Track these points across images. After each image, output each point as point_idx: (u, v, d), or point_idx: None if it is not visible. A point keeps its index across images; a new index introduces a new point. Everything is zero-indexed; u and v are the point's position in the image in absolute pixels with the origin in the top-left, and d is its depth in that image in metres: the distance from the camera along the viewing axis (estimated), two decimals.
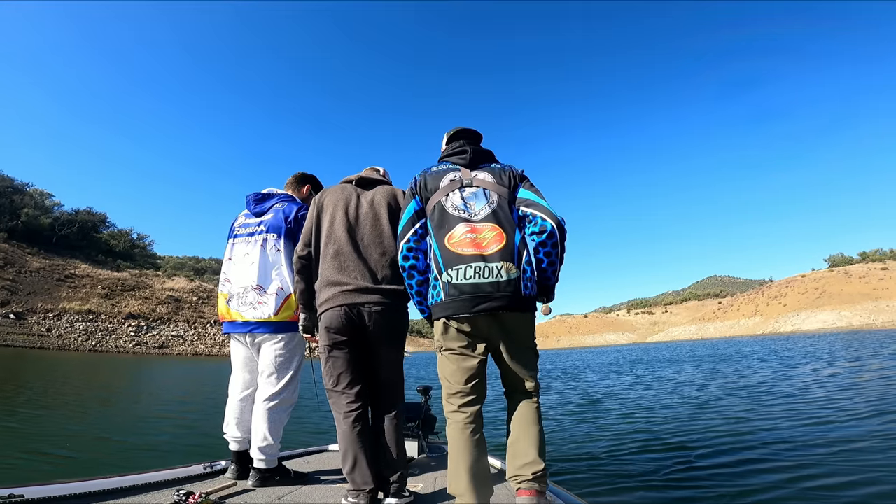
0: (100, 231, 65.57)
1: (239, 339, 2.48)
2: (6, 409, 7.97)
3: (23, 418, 7.15)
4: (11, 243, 50.17)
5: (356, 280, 2.10)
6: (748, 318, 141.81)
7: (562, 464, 4.59)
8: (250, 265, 2.44)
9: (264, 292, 2.40)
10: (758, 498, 3.32)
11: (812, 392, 8.17)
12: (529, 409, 1.87)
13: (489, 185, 1.96)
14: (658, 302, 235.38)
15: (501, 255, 1.80)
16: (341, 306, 2.07)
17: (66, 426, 6.75)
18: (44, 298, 43.09)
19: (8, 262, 46.54)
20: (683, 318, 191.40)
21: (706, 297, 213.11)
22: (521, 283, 1.81)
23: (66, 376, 15.77)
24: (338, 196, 2.30)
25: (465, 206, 1.92)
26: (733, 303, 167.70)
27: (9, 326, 36.51)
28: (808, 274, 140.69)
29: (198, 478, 2.41)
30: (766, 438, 5.02)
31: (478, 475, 1.79)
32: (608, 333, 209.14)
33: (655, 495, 3.56)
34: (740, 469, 4.01)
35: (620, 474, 4.10)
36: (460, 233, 1.87)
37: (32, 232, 53.73)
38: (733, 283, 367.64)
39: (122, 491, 2.04)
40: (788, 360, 16.41)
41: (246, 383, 2.49)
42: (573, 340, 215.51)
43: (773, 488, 3.45)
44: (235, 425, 2.45)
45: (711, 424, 6.05)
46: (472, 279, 1.79)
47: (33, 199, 58.08)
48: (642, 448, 5.06)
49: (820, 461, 4.01)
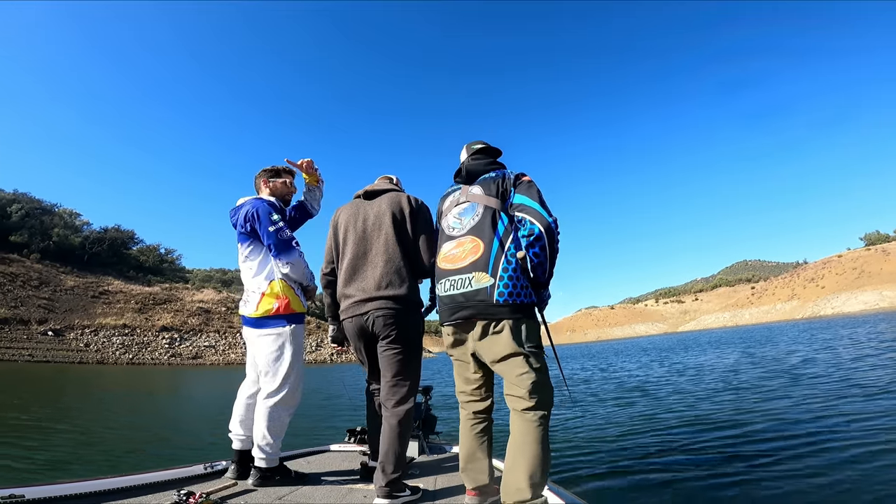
0: (129, 248, 67.13)
1: (246, 339, 2.54)
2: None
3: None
4: (45, 263, 51.59)
5: (362, 291, 2.24)
6: (785, 303, 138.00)
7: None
8: (243, 269, 2.55)
9: (251, 292, 2.48)
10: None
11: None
12: (523, 426, 1.78)
13: (478, 198, 2.03)
14: (687, 290, 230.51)
15: (474, 266, 1.90)
16: (352, 318, 2.28)
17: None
18: (80, 315, 43.95)
19: (43, 281, 47.75)
20: (715, 306, 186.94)
21: (738, 282, 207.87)
22: (494, 291, 1.84)
23: (140, 387, 16.78)
24: (349, 212, 2.44)
25: (456, 223, 2.07)
26: (767, 287, 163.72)
27: (48, 343, 37.23)
28: (844, 254, 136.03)
29: (198, 478, 2.42)
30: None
31: (473, 466, 1.97)
32: (637, 324, 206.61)
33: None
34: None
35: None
36: (446, 250, 2.06)
37: (64, 251, 55.15)
38: (765, 267, 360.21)
39: (123, 491, 2.05)
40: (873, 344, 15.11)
41: (252, 383, 2.52)
42: (601, 333, 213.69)
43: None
44: (239, 423, 2.47)
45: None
46: (449, 291, 1.97)
47: (62, 219, 59.65)
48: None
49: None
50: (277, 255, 2.39)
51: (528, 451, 1.72)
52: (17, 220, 53.73)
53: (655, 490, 3.57)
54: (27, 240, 52.21)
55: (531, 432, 1.75)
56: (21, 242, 51.57)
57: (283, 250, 2.38)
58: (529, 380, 1.80)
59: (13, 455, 5.16)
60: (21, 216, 54.38)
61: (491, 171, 2.13)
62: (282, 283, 2.43)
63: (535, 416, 1.77)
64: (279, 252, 2.38)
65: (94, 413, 9.49)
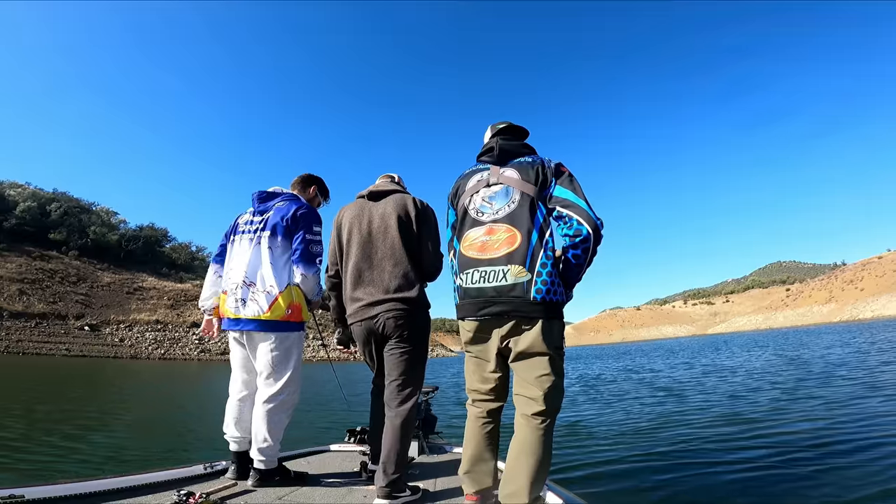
0: (162, 245, 69.24)
1: (236, 338, 2.44)
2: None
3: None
4: (83, 260, 53.50)
5: (370, 294, 2.22)
6: (822, 305, 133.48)
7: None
8: (244, 261, 2.41)
9: (255, 289, 2.36)
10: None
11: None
12: (528, 431, 1.72)
13: (514, 182, 1.87)
14: (717, 291, 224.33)
15: (509, 258, 1.76)
16: (361, 322, 2.25)
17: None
18: (115, 311, 45.39)
19: (81, 277, 49.49)
20: (747, 308, 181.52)
21: (771, 284, 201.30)
22: (531, 287, 1.72)
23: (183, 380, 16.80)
24: (353, 213, 2.40)
25: (486, 207, 1.90)
26: (803, 289, 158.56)
27: (84, 337, 38.53)
28: (885, 255, 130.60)
29: (198, 478, 2.39)
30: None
31: (477, 463, 1.88)
32: (664, 326, 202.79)
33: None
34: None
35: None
36: (474, 236, 1.88)
37: (101, 248, 57.16)
38: (800, 269, 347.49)
39: (123, 491, 2.03)
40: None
41: (244, 383, 2.47)
42: (626, 334, 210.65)
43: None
44: (234, 425, 2.43)
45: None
46: (478, 283, 1.81)
47: (100, 217, 61.85)
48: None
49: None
50: (299, 261, 2.38)
51: (532, 456, 1.68)
52: (57, 218, 55.81)
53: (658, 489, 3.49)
54: (66, 237, 54.20)
55: (538, 437, 1.70)
56: (60, 240, 53.56)
57: (308, 261, 2.39)
58: (548, 382, 1.74)
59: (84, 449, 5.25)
60: (60, 214, 56.48)
61: (526, 154, 1.97)
62: (297, 289, 2.41)
63: (543, 421, 1.72)
64: (303, 261, 2.38)
65: (156, 406, 9.86)
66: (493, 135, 2.08)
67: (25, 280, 43.62)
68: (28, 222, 52.28)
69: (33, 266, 46.68)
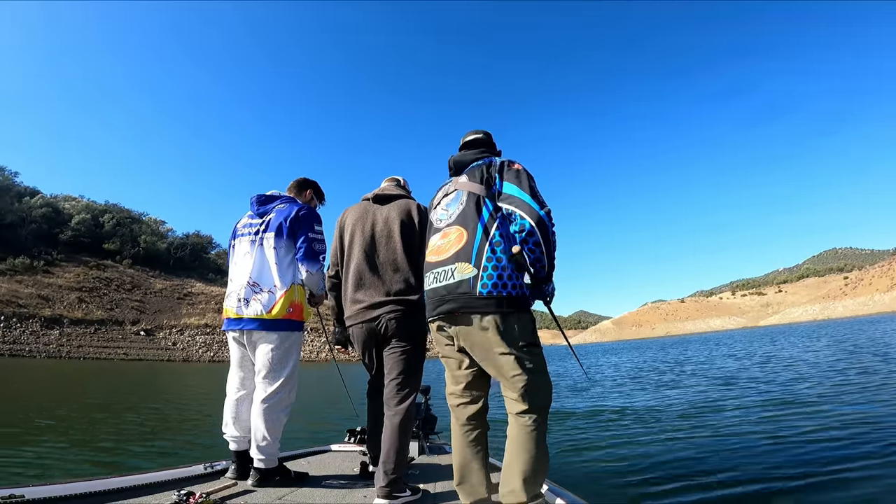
0: (208, 252, 72.31)
1: (235, 338, 2.46)
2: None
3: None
4: (136, 268, 56.05)
5: (371, 296, 2.25)
6: (885, 293, 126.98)
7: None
8: (248, 263, 2.44)
9: (259, 290, 2.39)
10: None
11: None
12: (517, 430, 1.72)
13: (463, 185, 1.93)
14: (768, 281, 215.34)
15: (457, 256, 1.80)
16: (362, 324, 2.27)
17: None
18: (167, 316, 47.23)
19: (135, 285, 51.80)
20: (802, 298, 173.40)
21: (827, 272, 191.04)
22: (477, 283, 1.73)
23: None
24: (357, 215, 2.44)
25: (443, 214, 1.97)
26: (863, 277, 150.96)
27: (140, 342, 40.16)
28: None
29: (198, 478, 2.37)
30: None
31: (467, 474, 1.86)
32: (711, 319, 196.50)
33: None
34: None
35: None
36: (432, 243, 1.97)
37: (152, 257, 59.89)
38: (858, 255, 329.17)
39: (123, 491, 2.02)
40: None
41: (241, 382, 2.48)
42: (670, 328, 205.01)
43: None
44: (233, 425, 2.42)
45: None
46: (432, 284, 1.87)
47: (149, 226, 64.92)
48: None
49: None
50: (303, 259, 2.42)
51: (523, 454, 1.67)
52: (110, 228, 58.72)
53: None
54: (119, 247, 57.00)
55: (525, 435, 1.69)
56: (114, 249, 56.30)
57: (312, 258, 2.43)
58: (521, 382, 1.70)
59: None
60: (113, 225, 59.37)
61: (480, 159, 2.01)
62: (300, 288, 2.46)
63: (530, 419, 1.69)
64: (307, 258, 2.42)
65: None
66: (459, 148, 2.19)
67: (84, 288, 45.92)
68: (83, 233, 55.22)
69: (90, 275, 49.12)
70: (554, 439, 5.13)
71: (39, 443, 5.30)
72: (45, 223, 52.74)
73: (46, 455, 4.74)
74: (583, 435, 5.45)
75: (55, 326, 37.67)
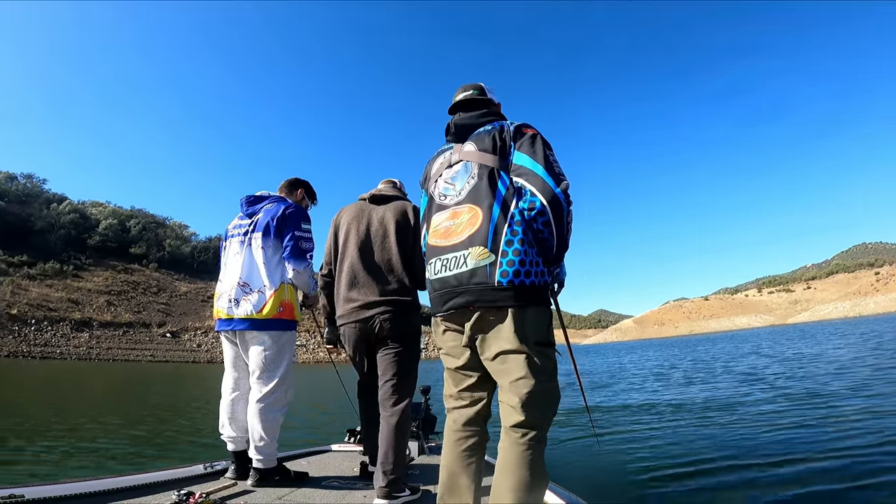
0: None
1: (228, 338, 2.47)
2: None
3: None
4: (161, 271, 57.16)
5: (365, 296, 2.24)
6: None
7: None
8: (237, 264, 2.45)
9: (249, 290, 2.39)
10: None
11: None
12: (507, 446, 1.45)
13: (472, 155, 1.67)
14: (797, 278, 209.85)
15: (471, 240, 1.53)
16: (354, 323, 2.26)
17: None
18: (192, 318, 48.04)
19: (161, 288, 52.85)
20: (832, 294, 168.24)
21: (858, 267, 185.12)
22: (496, 270, 1.46)
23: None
24: (352, 215, 2.44)
25: (449, 189, 1.71)
26: (895, 272, 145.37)
27: (167, 344, 40.87)
28: None
29: (198, 478, 2.38)
30: None
31: (454, 489, 1.59)
32: (737, 317, 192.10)
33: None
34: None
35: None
36: (437, 222, 1.70)
37: (176, 260, 61.08)
38: (889, 250, 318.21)
39: (123, 491, 2.02)
40: None
41: (236, 383, 2.48)
42: (693, 326, 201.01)
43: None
44: (229, 425, 2.43)
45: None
46: (440, 273, 1.61)
47: (174, 231, 66.31)
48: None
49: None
50: (289, 257, 2.41)
51: (512, 476, 1.39)
52: (136, 233, 60.02)
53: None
54: (145, 251, 58.22)
55: (518, 454, 1.41)
56: (140, 254, 57.52)
57: (298, 257, 2.42)
58: (526, 388, 1.43)
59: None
60: (139, 230, 60.69)
61: (487, 123, 1.73)
62: (290, 287, 2.45)
63: (525, 435, 1.42)
64: (294, 256, 2.41)
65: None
66: (450, 112, 1.87)
67: (112, 292, 46.96)
68: (110, 238, 56.56)
69: (118, 279, 50.24)
70: (553, 435, 5.10)
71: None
72: (74, 229, 54.14)
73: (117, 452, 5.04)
74: (582, 432, 5.49)
75: (85, 329, 38.56)
